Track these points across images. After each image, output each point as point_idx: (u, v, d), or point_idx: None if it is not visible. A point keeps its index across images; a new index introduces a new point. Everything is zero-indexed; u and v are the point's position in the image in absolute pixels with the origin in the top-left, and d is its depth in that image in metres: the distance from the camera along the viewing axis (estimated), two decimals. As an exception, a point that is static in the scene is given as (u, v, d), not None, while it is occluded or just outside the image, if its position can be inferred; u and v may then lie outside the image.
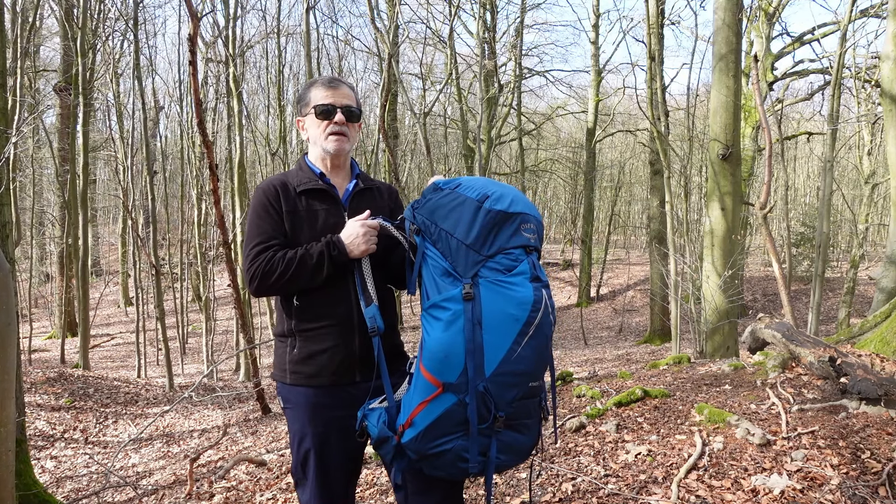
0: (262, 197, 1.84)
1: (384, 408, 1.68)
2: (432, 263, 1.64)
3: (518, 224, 1.61)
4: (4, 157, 4.59)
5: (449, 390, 1.52)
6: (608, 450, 3.30)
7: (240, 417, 8.02)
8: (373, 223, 1.81)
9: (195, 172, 15.02)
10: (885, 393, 3.28)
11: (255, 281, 1.77)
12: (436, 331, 1.55)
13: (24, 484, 3.71)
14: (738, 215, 7.55)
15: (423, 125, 12.68)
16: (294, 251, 1.77)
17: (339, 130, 1.88)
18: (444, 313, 1.55)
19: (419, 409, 1.55)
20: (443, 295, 1.57)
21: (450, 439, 1.55)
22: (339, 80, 1.94)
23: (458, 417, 1.53)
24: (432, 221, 1.65)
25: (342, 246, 1.77)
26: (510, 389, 1.55)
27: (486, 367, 1.51)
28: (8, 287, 2.22)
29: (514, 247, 1.60)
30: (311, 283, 1.78)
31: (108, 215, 32.00)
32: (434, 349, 1.54)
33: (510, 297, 1.54)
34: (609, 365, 10.24)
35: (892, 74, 6.18)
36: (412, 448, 1.58)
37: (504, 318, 1.53)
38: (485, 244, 1.58)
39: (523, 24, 19.67)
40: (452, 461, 1.58)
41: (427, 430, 1.55)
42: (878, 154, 14.05)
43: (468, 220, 1.59)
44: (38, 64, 16.30)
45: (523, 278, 1.57)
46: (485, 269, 1.57)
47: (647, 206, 18.08)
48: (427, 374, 1.55)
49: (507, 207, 1.60)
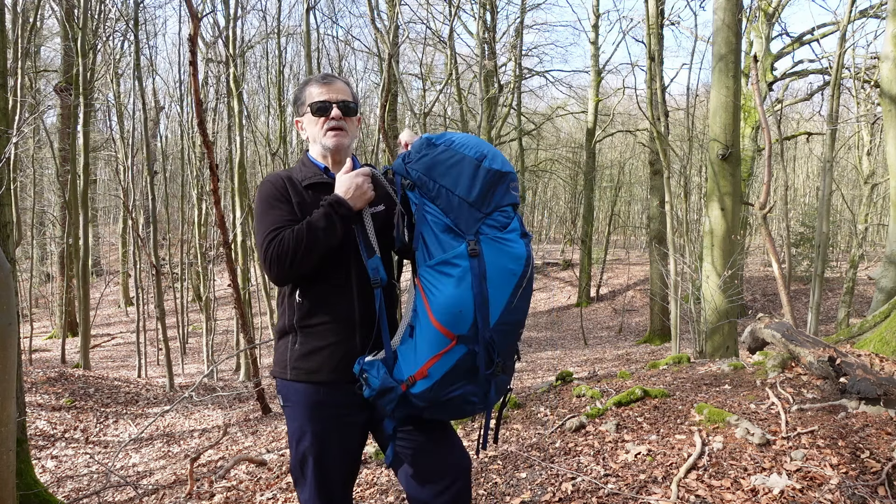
0: (271, 188, 1.83)
1: (381, 359, 1.74)
2: (432, 220, 1.70)
3: (508, 182, 1.72)
4: (5, 158, 4.60)
5: (461, 342, 1.63)
6: (608, 449, 3.30)
7: (240, 417, 8.03)
8: (364, 170, 1.82)
9: (195, 172, 15.02)
10: (885, 393, 3.29)
11: (274, 267, 1.74)
12: (447, 287, 1.64)
13: (25, 483, 3.72)
14: (737, 215, 7.55)
15: (423, 125, 12.69)
16: (300, 224, 1.74)
17: (336, 126, 1.87)
18: (455, 269, 1.64)
19: (434, 361, 1.65)
20: (451, 252, 1.65)
21: (459, 385, 1.67)
22: (332, 75, 1.93)
23: (468, 365, 1.65)
24: (430, 178, 1.70)
25: (344, 201, 1.76)
26: (508, 336, 1.70)
27: (491, 318, 1.64)
28: (9, 287, 2.23)
29: (507, 204, 1.71)
30: (326, 247, 1.75)
31: (108, 215, 31.99)
32: (447, 304, 1.63)
33: (508, 253, 1.66)
34: (609, 365, 10.25)
35: (892, 75, 6.20)
36: (424, 397, 1.67)
37: (504, 272, 1.65)
38: (484, 202, 1.68)
39: (523, 24, 19.68)
40: (460, 405, 1.70)
41: (442, 380, 1.65)
42: (878, 154, 14.06)
43: (469, 177, 1.67)
44: (38, 64, 16.31)
45: (516, 234, 1.70)
46: (484, 227, 1.67)
47: (647, 206, 18.08)
48: (441, 328, 1.63)
49: (500, 167, 1.70)
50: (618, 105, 21.22)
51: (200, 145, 12.96)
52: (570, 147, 26.25)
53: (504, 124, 19.57)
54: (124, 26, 13.35)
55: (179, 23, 14.68)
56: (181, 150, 17.54)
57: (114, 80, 15.06)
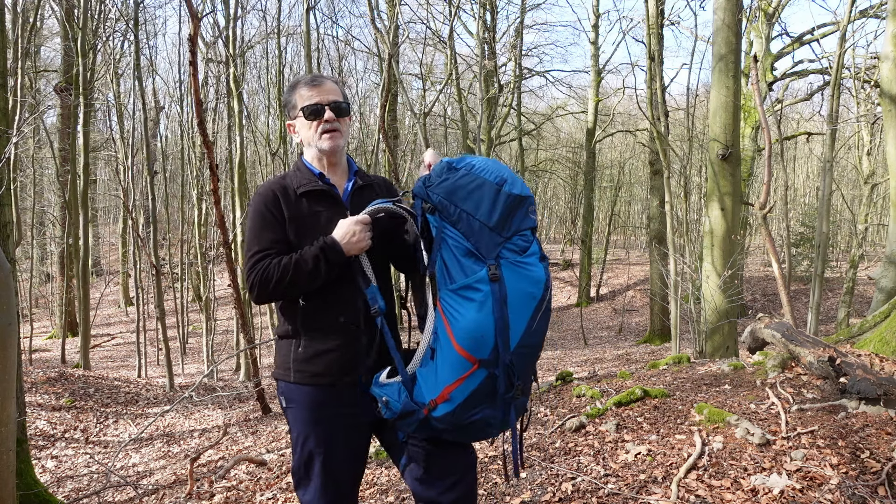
0: (261, 204, 1.82)
1: (400, 382, 1.74)
2: (453, 244, 1.70)
3: (527, 207, 1.73)
4: (5, 158, 4.60)
5: (483, 366, 1.64)
6: (608, 449, 3.30)
7: (240, 417, 8.03)
8: (364, 218, 1.80)
9: (195, 172, 15.02)
10: (885, 393, 3.29)
11: (254, 290, 1.78)
12: (469, 311, 1.64)
13: (25, 483, 3.72)
14: (737, 215, 7.55)
15: (423, 125, 12.69)
16: (289, 257, 1.76)
17: (330, 128, 1.86)
18: (477, 294, 1.64)
19: (456, 385, 1.65)
20: (473, 277, 1.66)
21: (480, 409, 1.68)
22: (321, 76, 1.91)
23: (488, 389, 1.66)
24: (451, 202, 1.70)
25: (338, 247, 1.76)
26: (527, 359, 1.71)
27: (511, 342, 1.64)
28: (9, 287, 2.23)
29: (526, 228, 1.72)
30: (309, 287, 1.77)
31: (108, 215, 31.98)
32: (470, 328, 1.63)
33: (528, 277, 1.67)
34: (609, 365, 10.25)
35: (892, 75, 6.20)
36: (445, 420, 1.68)
37: (524, 296, 1.66)
38: (504, 226, 1.68)
39: (523, 24, 19.67)
40: (481, 427, 1.72)
41: (464, 403, 1.66)
42: (878, 154, 14.05)
43: (489, 201, 1.68)
44: (38, 64, 16.31)
45: (535, 258, 1.71)
46: (504, 251, 1.68)
47: (647, 206, 18.08)
48: (463, 352, 1.64)
49: (520, 192, 1.71)
50: (618, 105, 21.22)
51: (200, 145, 12.96)
52: (570, 147, 26.24)
53: (504, 124, 19.56)
54: (124, 26, 13.37)
55: (179, 23, 14.69)
56: (181, 150, 17.54)
57: (114, 80, 15.06)
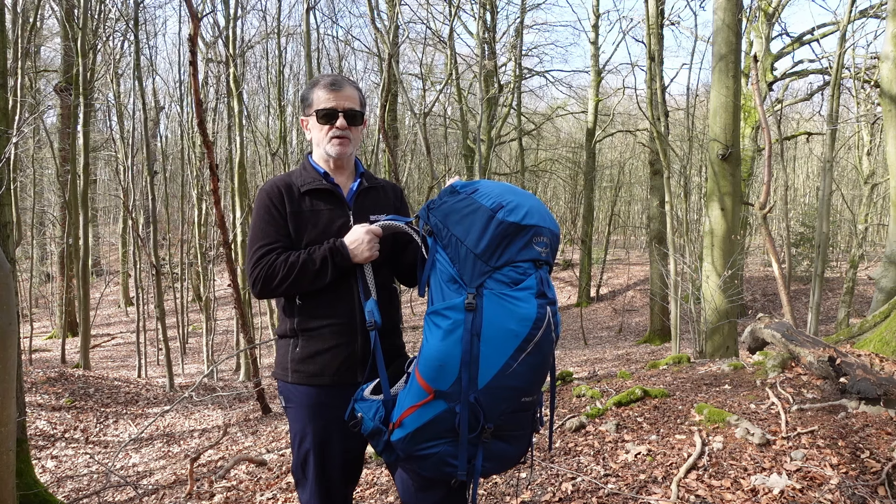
0: (266, 199, 1.84)
1: (381, 401, 1.68)
2: (440, 268, 1.62)
3: (530, 237, 1.57)
4: (5, 158, 4.60)
5: (440, 398, 1.53)
6: (608, 449, 3.30)
7: (240, 417, 8.03)
8: (376, 230, 1.80)
9: (195, 172, 15.01)
10: (885, 393, 3.29)
11: (258, 284, 1.78)
12: (434, 338, 1.55)
13: (25, 483, 3.71)
14: (737, 215, 7.55)
15: (423, 125, 12.68)
16: (297, 255, 1.77)
17: (341, 135, 1.87)
18: (445, 322, 1.54)
19: (410, 412, 1.57)
20: (445, 303, 1.57)
21: (437, 444, 1.58)
22: (342, 80, 1.90)
23: (447, 424, 1.55)
24: (445, 225, 1.63)
25: (346, 251, 1.77)
26: (502, 402, 1.55)
27: (480, 379, 1.51)
28: (9, 287, 2.23)
29: (524, 260, 1.56)
30: (313, 286, 1.78)
31: (108, 215, 31.97)
32: (430, 357, 1.54)
33: (512, 312, 1.52)
34: (609, 365, 10.25)
35: (892, 75, 6.19)
36: (399, 447, 1.61)
37: (503, 332, 1.51)
38: (493, 255, 1.55)
39: (523, 24, 19.67)
40: (437, 464, 1.60)
41: (415, 433, 1.57)
42: (878, 154, 14.05)
43: (479, 228, 1.56)
44: (38, 64, 16.31)
45: (528, 293, 1.54)
46: (490, 281, 1.55)
47: (647, 206, 18.08)
48: (420, 380, 1.55)
49: (520, 219, 1.56)
50: (618, 105, 21.23)
51: (200, 145, 12.96)
52: (570, 147, 26.25)
53: (504, 124, 19.56)
54: (124, 26, 13.36)
55: (179, 23, 14.70)
56: (181, 150, 17.53)
57: (114, 80, 15.05)
